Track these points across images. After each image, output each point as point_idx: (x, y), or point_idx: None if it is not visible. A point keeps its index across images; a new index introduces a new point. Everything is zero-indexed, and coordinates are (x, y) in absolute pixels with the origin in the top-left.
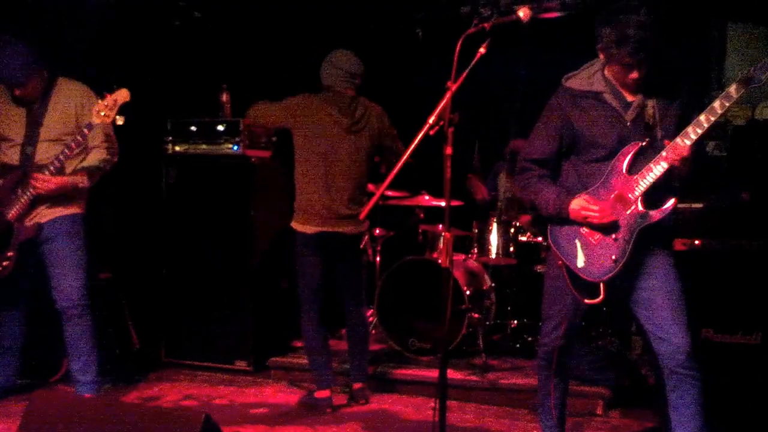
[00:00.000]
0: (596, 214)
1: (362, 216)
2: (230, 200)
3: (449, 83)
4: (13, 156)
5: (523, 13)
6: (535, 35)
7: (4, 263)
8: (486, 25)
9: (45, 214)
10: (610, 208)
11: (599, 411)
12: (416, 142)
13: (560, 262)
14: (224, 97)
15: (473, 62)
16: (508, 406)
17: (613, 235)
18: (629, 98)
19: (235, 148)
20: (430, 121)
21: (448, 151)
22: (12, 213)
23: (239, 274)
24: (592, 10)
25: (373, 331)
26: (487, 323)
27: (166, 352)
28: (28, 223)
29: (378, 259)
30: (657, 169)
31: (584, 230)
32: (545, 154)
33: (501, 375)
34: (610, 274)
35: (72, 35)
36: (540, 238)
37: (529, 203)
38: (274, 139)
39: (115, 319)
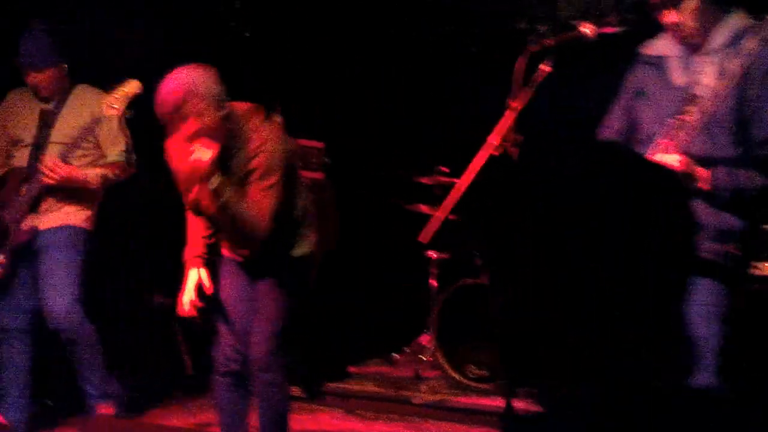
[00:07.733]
0: None
1: (427, 239)
2: None
3: (510, 102)
4: (22, 158)
5: (589, 29)
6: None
7: None
8: (550, 41)
9: (44, 221)
10: None
11: None
12: (479, 163)
13: None
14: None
15: (539, 80)
16: None
17: None
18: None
19: None
20: (495, 142)
21: None
22: (10, 215)
23: None
24: (649, 26)
25: (430, 358)
26: None
27: None
28: (25, 227)
29: (435, 282)
30: None
31: None
32: None
33: None
34: None
35: (119, 55)
36: None
37: None
38: (326, 160)
39: (168, 344)
